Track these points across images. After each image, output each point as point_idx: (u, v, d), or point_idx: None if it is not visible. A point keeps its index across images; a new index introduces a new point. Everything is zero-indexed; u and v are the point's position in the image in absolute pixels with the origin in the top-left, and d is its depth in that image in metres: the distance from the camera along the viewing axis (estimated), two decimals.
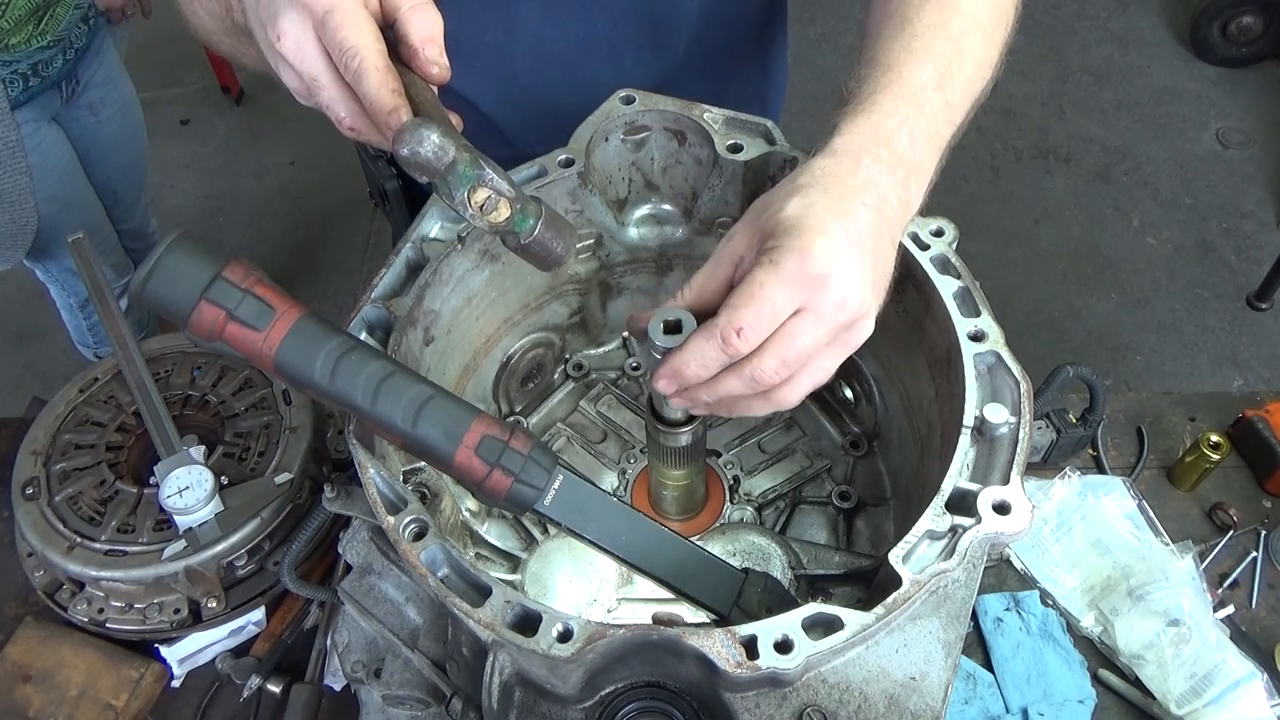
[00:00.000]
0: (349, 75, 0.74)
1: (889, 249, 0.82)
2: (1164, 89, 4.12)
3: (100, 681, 1.17)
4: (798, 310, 0.75)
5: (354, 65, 0.73)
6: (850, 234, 0.76)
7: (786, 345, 0.76)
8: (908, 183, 0.84)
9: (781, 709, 0.77)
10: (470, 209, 0.75)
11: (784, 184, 0.82)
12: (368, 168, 1.52)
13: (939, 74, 0.87)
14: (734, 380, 0.78)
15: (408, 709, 0.97)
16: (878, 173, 0.81)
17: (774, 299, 0.74)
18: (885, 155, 0.82)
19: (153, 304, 0.71)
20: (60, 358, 3.27)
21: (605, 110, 1.08)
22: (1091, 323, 3.35)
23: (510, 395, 1.24)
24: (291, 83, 0.77)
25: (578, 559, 1.06)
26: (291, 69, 0.76)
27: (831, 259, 0.74)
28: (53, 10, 2.02)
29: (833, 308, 0.76)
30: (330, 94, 0.76)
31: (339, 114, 0.77)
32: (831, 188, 0.79)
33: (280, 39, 0.74)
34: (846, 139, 0.83)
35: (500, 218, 0.76)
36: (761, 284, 0.74)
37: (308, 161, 4.00)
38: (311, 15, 0.73)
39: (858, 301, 0.76)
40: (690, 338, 0.78)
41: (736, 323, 0.74)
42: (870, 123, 0.83)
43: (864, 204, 0.79)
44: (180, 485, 1.14)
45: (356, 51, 0.73)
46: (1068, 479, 1.36)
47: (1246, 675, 1.17)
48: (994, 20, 0.95)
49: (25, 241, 2.15)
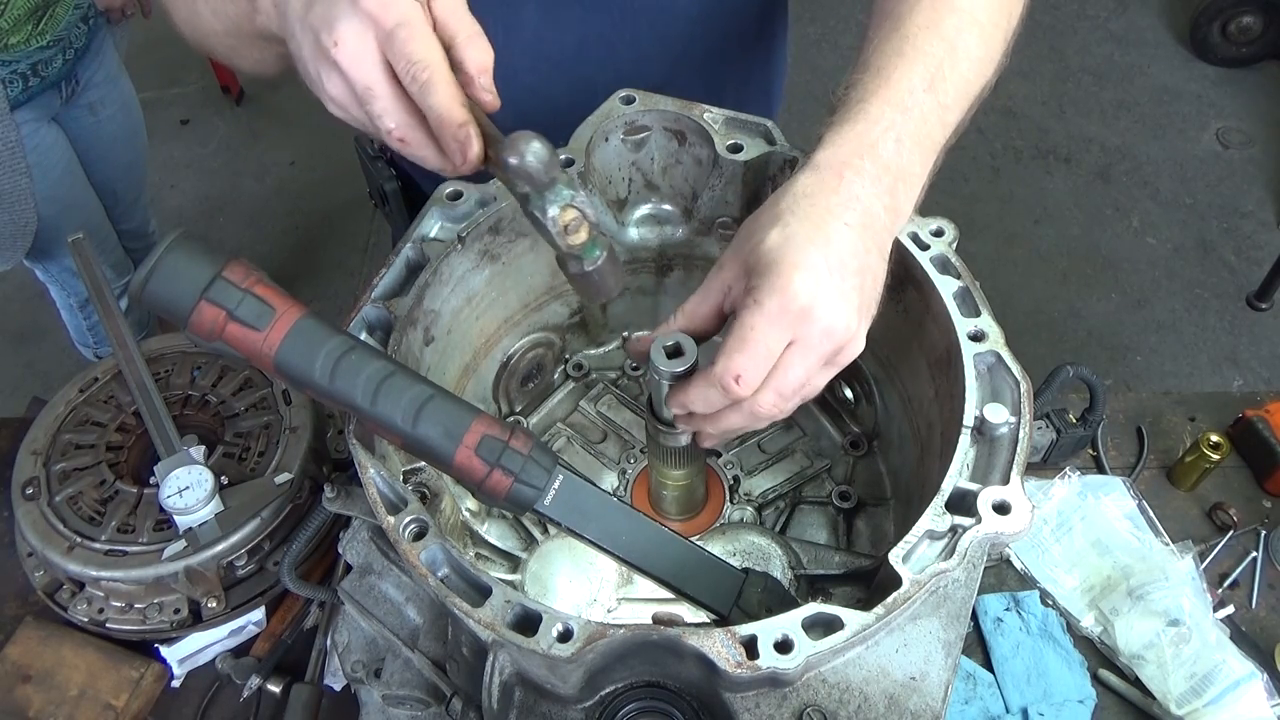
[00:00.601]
0: (415, 87, 0.74)
1: (877, 262, 0.83)
2: (1164, 89, 4.12)
3: (100, 681, 1.17)
4: (788, 344, 0.79)
5: (423, 78, 0.74)
6: (831, 261, 0.78)
7: (781, 380, 0.80)
8: (895, 190, 0.84)
9: (781, 709, 0.78)
10: (557, 226, 0.76)
11: (768, 206, 0.83)
12: (367, 169, 1.52)
13: (930, 75, 0.87)
14: (735, 416, 0.84)
15: (408, 709, 0.97)
16: (860, 186, 0.81)
17: (765, 340, 0.78)
18: (869, 166, 0.82)
19: (153, 304, 0.71)
20: (60, 358, 3.27)
21: (605, 110, 1.08)
22: (1091, 323, 3.35)
23: (510, 395, 1.24)
24: (335, 90, 0.77)
25: (578, 559, 1.06)
26: (342, 76, 0.76)
27: (813, 292, 0.77)
28: (52, 10, 2.02)
29: (820, 338, 0.79)
30: (384, 104, 0.76)
31: (389, 124, 0.77)
32: (812, 212, 0.80)
33: (338, 45, 0.74)
34: (829, 152, 0.83)
35: (578, 240, 0.77)
36: (751, 327, 0.78)
37: (308, 161, 4.00)
38: (377, 27, 0.74)
39: (844, 328, 0.79)
40: (692, 382, 0.84)
41: (734, 370, 0.78)
42: (855, 132, 0.84)
43: (845, 224, 0.80)
44: (180, 485, 1.14)
45: (426, 65, 0.74)
46: (1068, 479, 1.36)
47: (1246, 675, 1.17)
48: (994, 14, 0.94)
49: (25, 242, 2.14)
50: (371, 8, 0.73)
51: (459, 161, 0.76)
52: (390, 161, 1.51)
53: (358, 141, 1.52)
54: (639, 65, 1.27)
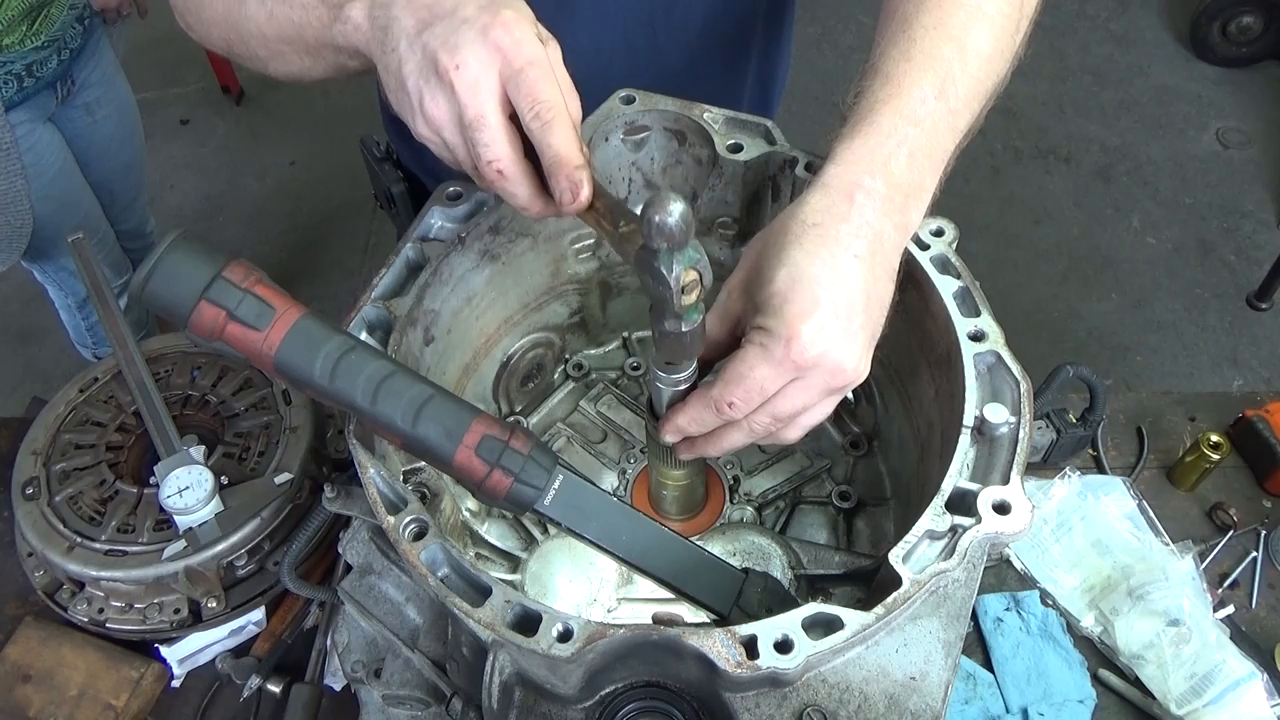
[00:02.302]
0: (538, 124, 0.76)
1: (885, 286, 0.82)
2: (1164, 89, 4.12)
3: (100, 681, 1.17)
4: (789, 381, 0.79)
5: (547, 117, 0.76)
6: (839, 305, 0.78)
7: (779, 406, 0.81)
8: (906, 208, 0.83)
9: (781, 709, 0.77)
10: (679, 285, 0.75)
11: (777, 231, 0.83)
12: (374, 171, 1.52)
13: (940, 81, 0.85)
14: (735, 434, 0.85)
15: (408, 709, 0.97)
16: (872, 210, 0.81)
17: (762, 382, 0.79)
18: (880, 186, 0.81)
19: (153, 304, 0.71)
20: (60, 358, 3.27)
21: (605, 110, 1.08)
22: (1091, 323, 3.35)
23: (510, 395, 1.24)
24: (437, 112, 0.78)
25: (578, 559, 1.06)
26: (452, 99, 0.76)
27: (820, 342, 0.77)
28: (47, 11, 2.02)
29: (823, 380, 0.80)
30: (494, 135, 0.77)
31: (494, 155, 0.78)
32: (820, 247, 0.79)
33: (459, 69, 0.75)
34: (841, 169, 0.82)
35: (689, 301, 0.76)
36: (751, 366, 0.79)
37: (308, 161, 4.00)
38: (505, 62, 0.76)
39: (851, 369, 0.80)
40: (688, 400, 0.85)
41: (728, 397, 0.80)
42: (866, 147, 0.83)
43: (855, 255, 0.79)
44: (180, 485, 1.14)
45: (552, 106, 0.76)
46: (1068, 479, 1.36)
47: (1246, 675, 1.17)
48: (1003, 6, 0.91)
49: (21, 243, 2.14)
50: (504, 43, 0.75)
51: (568, 200, 0.78)
52: (398, 164, 1.51)
53: (364, 143, 1.52)
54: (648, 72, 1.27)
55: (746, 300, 0.84)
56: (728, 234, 1.16)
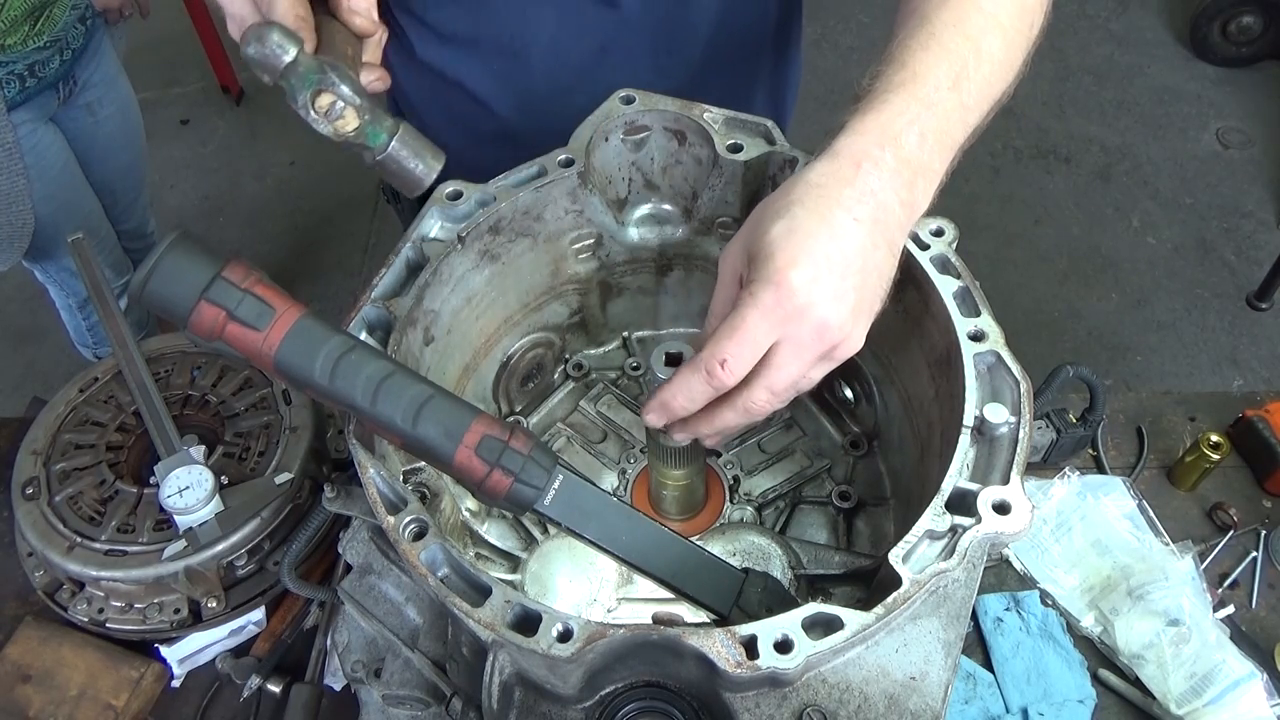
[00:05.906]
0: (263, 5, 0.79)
1: (885, 259, 0.82)
2: (1164, 89, 4.12)
3: (100, 681, 1.17)
4: (779, 340, 0.78)
5: None
6: (833, 258, 0.77)
7: (773, 378, 0.80)
8: (913, 184, 0.83)
9: (781, 709, 0.77)
10: (314, 113, 0.74)
11: (780, 193, 0.82)
12: None
13: (955, 73, 0.86)
14: (730, 413, 0.84)
15: (408, 709, 0.97)
16: (877, 179, 0.80)
17: (754, 332, 0.78)
18: (889, 159, 0.81)
19: (153, 304, 0.71)
20: (60, 358, 3.27)
21: (605, 110, 1.08)
22: (1091, 323, 3.35)
23: (510, 395, 1.24)
24: None
25: (578, 559, 1.06)
26: None
27: (808, 291, 0.76)
28: (49, 11, 2.02)
29: (811, 337, 0.78)
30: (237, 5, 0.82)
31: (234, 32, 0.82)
32: (820, 204, 0.79)
33: None
34: (850, 140, 0.82)
35: (348, 127, 0.75)
36: (743, 317, 0.78)
37: (308, 161, 3.99)
38: None
39: (837, 328, 0.78)
40: (679, 370, 0.83)
41: (720, 354, 0.78)
42: (879, 121, 0.83)
43: (854, 218, 0.79)
44: (180, 485, 1.14)
45: None
46: (1068, 479, 1.36)
47: (1246, 675, 1.17)
48: (1016, 20, 0.93)
49: (22, 243, 2.14)
50: None
51: None
52: None
53: None
54: (655, 72, 1.27)
55: (744, 254, 0.82)
56: (727, 234, 1.16)
